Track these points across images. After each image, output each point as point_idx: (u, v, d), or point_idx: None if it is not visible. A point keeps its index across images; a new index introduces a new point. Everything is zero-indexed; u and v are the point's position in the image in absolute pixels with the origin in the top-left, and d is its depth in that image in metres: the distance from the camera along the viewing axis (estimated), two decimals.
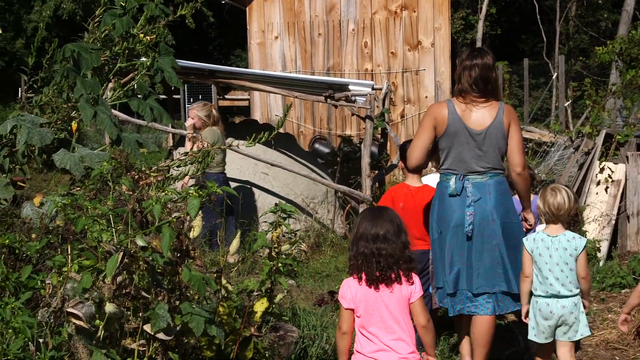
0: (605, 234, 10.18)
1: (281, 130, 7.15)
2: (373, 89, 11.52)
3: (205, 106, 10.10)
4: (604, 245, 10.10)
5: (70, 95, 5.25)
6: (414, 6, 14.76)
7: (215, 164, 9.46)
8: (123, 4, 5.47)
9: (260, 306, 4.79)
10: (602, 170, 10.63)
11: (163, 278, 4.07)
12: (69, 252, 3.93)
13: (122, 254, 3.68)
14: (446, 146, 5.85)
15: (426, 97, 14.76)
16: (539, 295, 5.44)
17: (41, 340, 3.76)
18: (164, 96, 14.85)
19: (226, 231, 9.28)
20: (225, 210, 9.33)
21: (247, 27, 15.26)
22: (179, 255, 4.16)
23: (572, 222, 6.41)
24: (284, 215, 4.80)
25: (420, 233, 6.48)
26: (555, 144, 15.44)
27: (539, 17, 36.17)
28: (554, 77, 26.39)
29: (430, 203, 6.18)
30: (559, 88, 22.98)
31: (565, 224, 5.55)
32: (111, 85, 5.75)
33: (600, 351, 6.89)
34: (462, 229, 5.73)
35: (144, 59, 5.50)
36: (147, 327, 3.79)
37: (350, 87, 11.32)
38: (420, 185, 6.71)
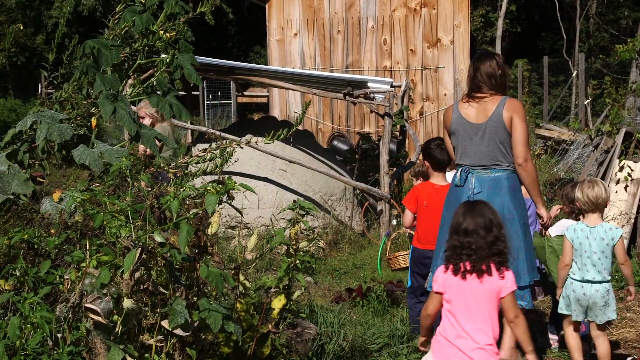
0: (625, 232, 10.13)
1: (300, 127, 7.15)
2: (392, 86, 11.51)
3: None
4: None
5: (90, 92, 5.27)
6: (433, 3, 14.72)
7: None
8: (143, 1, 5.48)
9: (278, 303, 4.79)
10: (621, 168, 10.56)
11: (181, 274, 4.08)
12: (87, 248, 3.95)
13: (140, 249, 3.69)
14: (454, 142, 6.12)
15: (445, 94, 14.72)
16: (576, 279, 5.94)
17: (59, 335, 3.78)
18: (183, 93, 14.90)
19: None
20: None
21: (267, 24, 15.26)
22: (196, 251, 4.17)
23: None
24: (302, 212, 4.80)
25: None
26: (574, 142, 15.39)
27: (559, 15, 35.98)
28: (573, 75, 26.27)
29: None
30: (578, 86, 22.87)
31: (602, 214, 5.98)
32: (130, 81, 5.77)
33: (619, 350, 6.85)
34: None
35: (163, 55, 5.52)
36: (164, 323, 3.80)
37: (369, 84, 11.31)
38: (445, 184, 6.73)
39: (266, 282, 4.87)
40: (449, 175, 7.15)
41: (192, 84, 14.88)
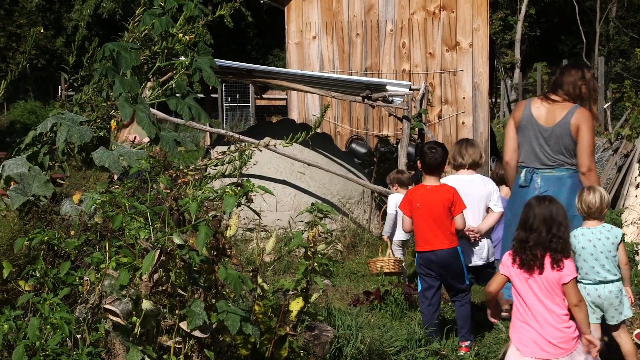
0: None
1: (318, 130, 7.15)
2: (410, 89, 11.50)
3: None
4: None
5: (110, 94, 5.30)
6: (452, 7, 14.70)
7: None
8: (162, 4, 5.50)
9: (295, 305, 4.80)
10: None
11: (199, 276, 4.10)
12: (107, 249, 3.97)
13: (159, 251, 3.71)
14: (520, 139, 6.41)
15: (464, 98, 14.70)
16: (587, 283, 5.94)
17: (79, 336, 3.80)
18: (202, 95, 14.93)
19: None
20: None
21: (285, 26, 15.27)
22: (215, 253, 4.19)
23: None
24: (321, 215, 4.81)
25: (443, 231, 6.65)
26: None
27: (578, 18, 35.87)
28: None
29: (451, 201, 6.64)
30: (598, 90, 22.77)
31: (601, 219, 6.01)
32: (150, 84, 5.80)
33: None
34: None
35: (182, 58, 5.54)
36: (183, 325, 3.82)
37: (388, 87, 11.30)
38: (437, 184, 6.79)
39: (284, 285, 4.88)
40: (450, 179, 7.19)
41: (210, 87, 14.92)
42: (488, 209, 7.16)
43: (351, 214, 11.25)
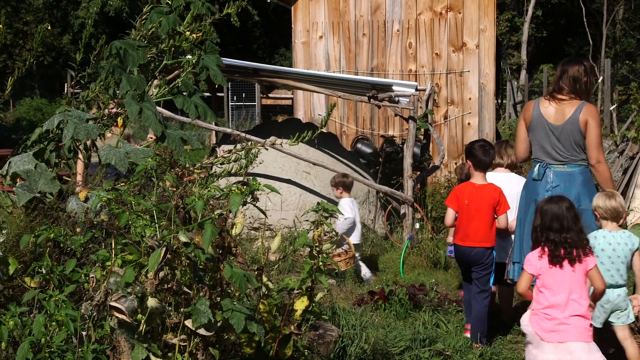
0: None
1: (324, 129, 7.16)
2: (417, 89, 11.49)
3: None
4: None
5: (117, 92, 5.30)
6: (459, 7, 14.68)
7: None
8: (169, 2, 5.51)
9: (300, 304, 4.79)
10: None
11: (205, 274, 4.10)
12: (112, 247, 3.97)
13: (164, 249, 3.71)
14: (531, 137, 6.67)
15: (470, 98, 14.68)
16: None
17: (84, 333, 3.81)
18: (208, 94, 14.95)
19: None
20: None
21: (292, 26, 15.27)
22: (220, 251, 4.19)
23: None
24: (326, 215, 4.80)
25: (484, 230, 6.95)
26: None
27: (585, 20, 35.83)
28: (599, 80, 26.12)
29: (497, 200, 6.97)
30: (604, 92, 22.76)
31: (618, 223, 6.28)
32: (156, 82, 5.80)
33: None
34: None
35: (189, 56, 5.54)
36: (188, 323, 3.82)
37: (394, 87, 11.30)
38: (484, 183, 7.07)
39: (289, 284, 4.88)
40: (491, 176, 7.33)
41: (217, 86, 14.93)
42: None
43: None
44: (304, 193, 10.98)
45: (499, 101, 27.56)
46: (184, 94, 5.32)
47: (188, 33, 5.50)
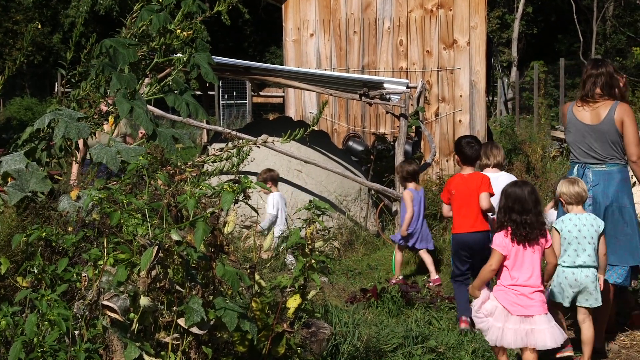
0: None
1: (315, 127, 7.17)
2: (408, 87, 11.49)
3: None
4: None
5: (107, 90, 5.29)
6: (450, 5, 14.68)
7: None
8: (160, 0, 5.50)
9: (293, 302, 4.79)
10: None
11: (197, 272, 4.09)
12: (104, 246, 3.96)
13: (156, 248, 3.71)
14: (568, 140, 6.99)
15: (461, 96, 14.68)
16: (567, 266, 6.35)
17: (76, 333, 3.80)
18: (199, 92, 14.91)
19: None
20: None
21: (283, 24, 15.25)
22: (213, 250, 4.18)
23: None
24: (318, 212, 4.80)
25: (474, 214, 7.23)
26: None
27: (575, 17, 35.90)
28: None
29: (479, 184, 7.25)
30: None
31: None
32: (147, 81, 5.79)
33: (634, 353, 6.83)
34: (583, 208, 6.59)
35: (179, 55, 5.53)
36: (181, 321, 3.81)
37: (385, 85, 11.29)
38: (472, 173, 7.42)
39: (281, 282, 4.88)
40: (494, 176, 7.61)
41: (207, 84, 14.91)
42: None
43: (348, 212, 11.26)
44: (295, 191, 10.97)
45: (490, 98, 27.63)
46: (175, 92, 5.31)
47: (179, 31, 5.50)
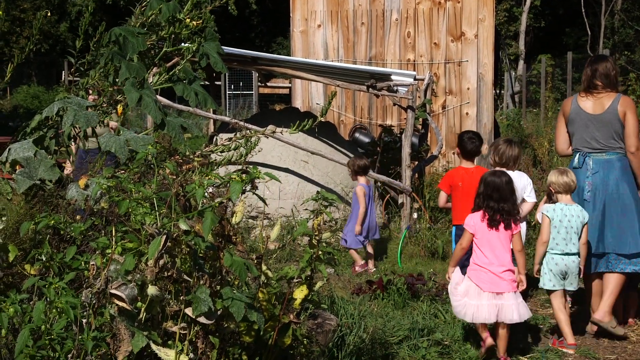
0: None
1: (322, 118, 7.16)
2: (415, 79, 11.48)
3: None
4: None
5: (116, 79, 5.29)
6: None
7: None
8: None
9: (299, 293, 4.79)
10: None
11: (205, 262, 4.09)
12: (112, 234, 3.96)
13: (164, 237, 3.71)
14: (571, 130, 7.20)
15: (468, 88, 14.66)
16: (556, 253, 6.79)
17: (84, 321, 3.80)
18: (206, 83, 14.90)
19: None
20: None
21: (290, 14, 15.23)
22: (220, 240, 4.18)
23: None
24: (325, 203, 4.80)
25: None
26: None
27: (583, 11, 35.81)
28: None
29: None
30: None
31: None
32: (155, 70, 5.78)
33: (639, 349, 6.83)
34: (581, 195, 7.03)
35: (188, 44, 5.52)
36: (188, 311, 3.81)
37: (393, 77, 11.28)
38: (474, 167, 7.89)
39: (288, 273, 4.88)
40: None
41: (214, 74, 14.90)
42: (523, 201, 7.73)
43: None
44: (302, 182, 10.98)
45: (497, 91, 27.59)
46: (184, 81, 5.30)
47: (188, 20, 5.48)
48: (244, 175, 3.98)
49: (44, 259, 4.21)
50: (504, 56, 31.65)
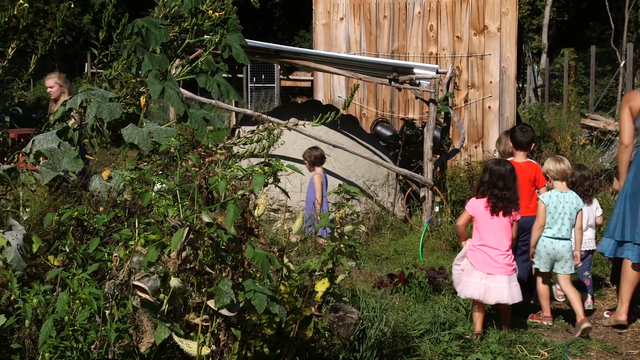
0: None
1: (344, 111, 7.16)
2: (437, 72, 11.44)
3: (61, 75, 10.00)
4: None
5: (139, 71, 5.29)
6: None
7: None
8: None
9: (321, 286, 4.78)
10: None
11: (227, 255, 4.09)
12: (135, 226, 3.97)
13: (187, 229, 3.71)
14: (638, 125, 7.11)
15: (490, 82, 14.61)
16: (549, 237, 7.11)
17: (107, 312, 3.82)
18: (228, 75, 14.92)
19: None
20: None
21: (313, 7, 15.21)
22: (243, 232, 4.18)
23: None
24: (347, 197, 4.79)
25: (526, 201, 7.52)
26: None
27: (607, 4, 35.56)
28: (621, 65, 25.94)
29: (534, 176, 7.76)
30: (626, 76, 22.58)
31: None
32: (178, 62, 5.78)
33: None
34: None
35: (210, 36, 5.52)
36: (210, 303, 3.82)
37: (415, 70, 11.25)
38: (524, 161, 7.81)
39: (310, 265, 4.87)
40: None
41: (236, 67, 14.91)
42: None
43: (375, 197, 11.25)
44: None
45: (520, 85, 27.48)
46: (207, 73, 5.30)
47: (210, 12, 5.48)
48: (267, 167, 3.98)
49: (67, 250, 4.23)
50: (527, 50, 31.50)
